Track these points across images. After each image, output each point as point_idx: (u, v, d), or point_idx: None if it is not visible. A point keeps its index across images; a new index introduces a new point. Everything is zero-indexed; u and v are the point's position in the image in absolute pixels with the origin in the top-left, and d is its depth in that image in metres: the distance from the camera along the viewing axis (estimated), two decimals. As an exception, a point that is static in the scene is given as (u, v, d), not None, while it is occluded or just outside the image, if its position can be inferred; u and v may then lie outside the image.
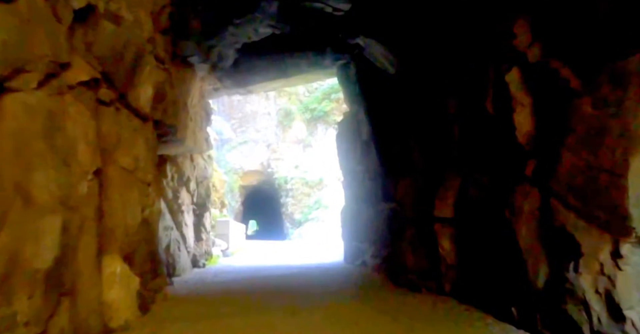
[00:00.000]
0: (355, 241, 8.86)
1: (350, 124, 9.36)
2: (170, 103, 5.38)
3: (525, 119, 3.37)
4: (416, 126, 6.00)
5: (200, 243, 9.06)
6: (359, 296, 5.02)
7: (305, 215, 20.02)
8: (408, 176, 6.05)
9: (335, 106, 21.14)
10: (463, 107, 4.48)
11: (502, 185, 3.63)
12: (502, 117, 3.69)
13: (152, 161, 4.71)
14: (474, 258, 4.17)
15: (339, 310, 4.26)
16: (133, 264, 4.32)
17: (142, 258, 4.48)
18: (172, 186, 7.74)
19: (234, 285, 6.21)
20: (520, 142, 3.39)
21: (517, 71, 3.46)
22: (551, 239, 3.01)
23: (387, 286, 5.58)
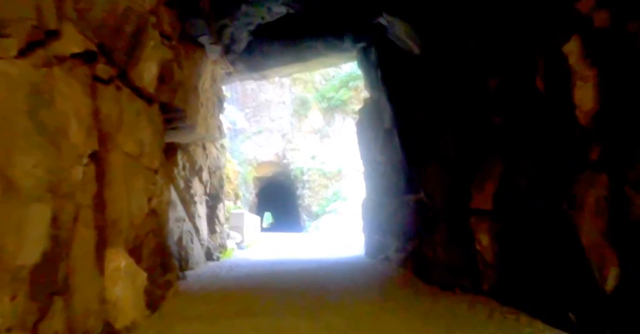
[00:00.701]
0: (377, 235, 8.49)
1: (371, 112, 8.95)
2: (178, 85, 5.04)
3: (587, 95, 2.93)
4: (447, 110, 5.57)
5: (214, 236, 8.79)
6: (385, 295, 4.65)
7: (323, 207, 19.69)
8: (438, 165, 5.63)
9: (353, 95, 20.69)
10: (505, 86, 4.05)
11: (558, 173, 3.20)
12: (556, 94, 3.25)
13: (159, 147, 4.39)
14: (519, 255, 3.76)
15: (364, 312, 3.91)
16: (140, 258, 4.02)
17: (150, 252, 4.18)
18: (183, 176, 7.45)
19: (249, 280, 5.90)
20: (581, 122, 2.96)
21: (578, 40, 3.02)
22: (624, 235, 2.59)
23: (415, 284, 5.20)
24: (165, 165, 4.85)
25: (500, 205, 4.00)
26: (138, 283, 3.60)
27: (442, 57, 5.83)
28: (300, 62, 9.23)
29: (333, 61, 9.67)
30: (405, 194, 7.49)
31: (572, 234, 2.97)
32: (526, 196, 3.62)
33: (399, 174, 7.78)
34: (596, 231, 2.75)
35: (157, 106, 4.47)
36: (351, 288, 5.17)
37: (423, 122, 6.50)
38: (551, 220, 3.26)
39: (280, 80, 21.84)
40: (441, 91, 5.83)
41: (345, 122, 21.03)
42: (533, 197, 3.52)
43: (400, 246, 7.46)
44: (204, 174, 8.38)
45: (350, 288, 5.16)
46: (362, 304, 4.24)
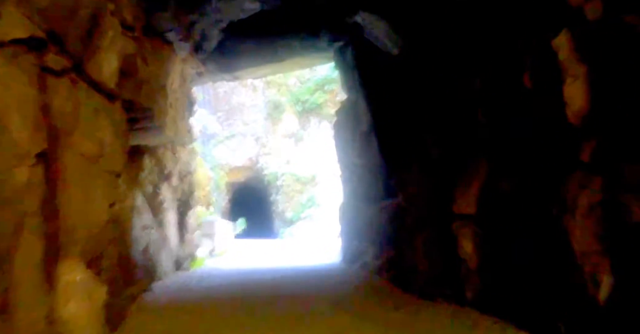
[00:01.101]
0: (355, 241, 8.30)
1: (349, 114, 8.80)
2: (143, 81, 4.76)
3: (577, 92, 2.81)
4: (428, 111, 5.44)
5: (184, 244, 8.44)
6: (366, 305, 4.45)
7: (297, 213, 19.41)
8: (418, 168, 5.49)
9: (329, 98, 20.52)
10: (490, 85, 3.92)
11: (547, 175, 3.07)
12: (545, 92, 3.13)
13: (122, 148, 4.09)
14: (504, 262, 3.62)
15: (345, 323, 3.70)
16: (99, 270, 3.71)
17: (111, 263, 3.87)
18: (151, 180, 7.10)
19: (222, 291, 5.62)
20: (571, 121, 2.83)
21: (568, 34, 2.90)
22: (620, 241, 2.46)
23: (394, 293, 5.03)
24: (129, 169, 4.55)
25: (485, 209, 3.86)
26: (96, 298, 3.29)
27: (423, 56, 5.71)
28: (274, 62, 9.01)
29: (309, 62, 9.49)
30: (384, 198, 7.34)
31: (563, 239, 2.83)
32: (513, 200, 3.49)
33: (378, 178, 7.63)
34: (589, 236, 2.62)
35: (120, 104, 4.17)
36: (330, 297, 4.96)
37: (403, 124, 6.37)
38: (540, 225, 3.12)
39: (254, 83, 21.52)
40: (422, 91, 5.70)
41: (321, 126, 20.83)
42: (520, 200, 3.39)
43: (379, 252, 7.29)
44: (173, 179, 8.05)
45: (328, 297, 4.95)
46: (341, 315, 4.04)
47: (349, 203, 8.83)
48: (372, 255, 7.51)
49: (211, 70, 8.81)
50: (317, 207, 19.04)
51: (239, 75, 9.50)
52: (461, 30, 4.57)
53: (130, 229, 4.32)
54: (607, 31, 2.63)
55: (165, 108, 6.26)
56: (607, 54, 2.67)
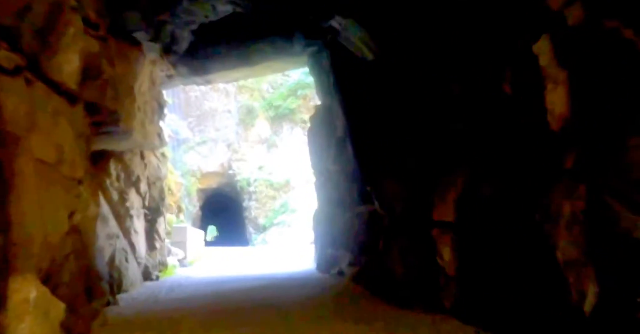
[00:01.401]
0: (330, 248, 8.15)
1: (323, 119, 8.66)
2: (108, 83, 4.49)
3: (559, 99, 2.74)
4: (404, 117, 5.36)
5: (154, 252, 8.11)
6: (342, 314, 4.28)
7: (270, 219, 19.15)
8: (395, 174, 5.39)
9: (302, 103, 20.42)
10: (469, 90, 3.85)
11: (528, 182, 2.99)
12: (525, 98, 3.06)
13: (83, 153, 3.83)
14: (484, 270, 3.52)
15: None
16: (57, 285, 3.44)
17: (71, 276, 3.59)
18: (117, 187, 6.78)
19: (192, 303, 5.36)
20: (552, 127, 2.76)
21: (548, 39, 2.83)
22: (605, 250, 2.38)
23: (372, 301, 4.88)
24: (93, 175, 4.27)
25: (464, 216, 3.76)
26: (53, 317, 3.02)
27: (399, 62, 5.63)
28: (247, 66, 8.81)
29: (282, 66, 9.33)
30: (359, 205, 7.22)
31: (546, 248, 2.74)
32: (492, 207, 3.40)
33: (353, 184, 7.50)
34: (573, 245, 2.53)
35: (82, 106, 3.92)
36: (305, 306, 4.77)
37: (378, 129, 6.27)
38: (521, 233, 3.04)
39: (226, 88, 21.23)
40: (398, 97, 5.62)
41: (294, 132, 20.69)
42: (500, 208, 3.30)
43: (354, 259, 7.16)
44: (141, 185, 7.72)
45: (304, 306, 4.77)
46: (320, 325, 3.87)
47: (323, 210, 8.67)
48: (348, 262, 7.37)
49: (182, 73, 8.54)
50: (291, 213, 18.84)
51: (211, 78, 9.24)
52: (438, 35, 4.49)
53: (93, 240, 4.04)
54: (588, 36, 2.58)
55: (132, 111, 5.98)
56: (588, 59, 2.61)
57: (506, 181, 3.27)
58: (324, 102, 8.75)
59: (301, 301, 5.12)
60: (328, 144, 8.43)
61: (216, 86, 21.03)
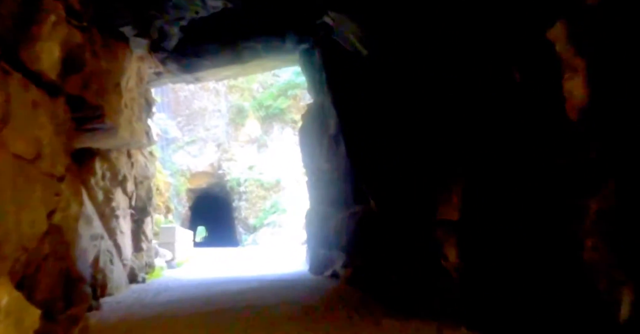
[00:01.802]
0: (323, 249, 7.92)
1: (316, 117, 8.44)
2: (93, 77, 4.24)
3: (578, 88, 2.55)
4: (401, 114, 5.15)
5: (140, 254, 7.81)
6: (342, 320, 4.06)
7: (261, 220, 18.86)
8: (392, 172, 5.18)
9: (292, 103, 20.18)
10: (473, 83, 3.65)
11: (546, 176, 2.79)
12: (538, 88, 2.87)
13: (64, 149, 3.56)
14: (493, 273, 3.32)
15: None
16: (34, 289, 3.18)
17: (49, 280, 3.33)
18: (102, 186, 6.49)
19: (180, 307, 5.09)
20: (571, 117, 2.56)
21: (564, 25, 2.64)
22: (639, 251, 2.17)
23: (370, 305, 4.65)
24: (76, 173, 4.00)
25: (470, 216, 3.56)
26: (27, 325, 2.75)
27: (395, 57, 5.43)
28: (238, 64, 8.55)
29: (274, 64, 9.08)
30: (353, 204, 7.01)
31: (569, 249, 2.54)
32: (501, 206, 3.21)
33: (346, 183, 7.29)
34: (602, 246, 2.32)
35: (64, 100, 3.64)
36: (301, 311, 4.54)
37: (373, 127, 6.06)
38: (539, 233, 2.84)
39: (216, 88, 20.92)
40: (394, 93, 5.42)
41: (284, 132, 20.44)
42: (511, 207, 3.11)
43: (349, 261, 6.94)
44: (128, 184, 7.43)
45: (300, 312, 4.53)
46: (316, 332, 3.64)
47: (315, 209, 8.45)
48: (342, 264, 7.15)
49: (171, 70, 8.26)
50: (281, 214, 18.57)
51: (201, 76, 8.96)
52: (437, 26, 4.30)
53: (75, 241, 3.77)
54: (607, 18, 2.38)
55: (119, 108, 5.70)
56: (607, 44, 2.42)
57: (516, 176, 3.07)
58: (316, 100, 8.54)
59: (293, 305, 4.88)
60: (320, 143, 8.21)
61: (206, 86, 20.72)
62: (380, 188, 5.54)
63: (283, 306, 4.80)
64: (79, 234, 4.61)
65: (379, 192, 5.62)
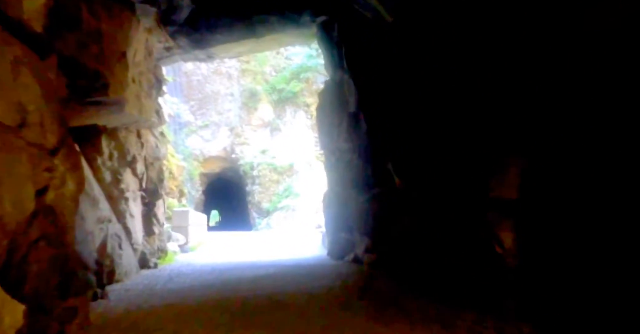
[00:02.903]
0: (343, 233, 7.37)
1: (334, 95, 7.82)
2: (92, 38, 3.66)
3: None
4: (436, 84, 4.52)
5: (152, 238, 7.33)
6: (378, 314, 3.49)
7: (274, 204, 18.37)
8: (424, 148, 4.58)
9: (304, 87, 19.50)
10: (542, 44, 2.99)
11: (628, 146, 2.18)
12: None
13: (56, 117, 3.00)
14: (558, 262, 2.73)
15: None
16: (22, 279, 2.66)
17: (40, 268, 2.80)
18: (110, 167, 5.97)
19: (193, 295, 4.58)
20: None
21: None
22: None
23: (406, 297, 4.05)
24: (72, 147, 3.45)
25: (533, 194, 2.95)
26: (8, 323, 2.23)
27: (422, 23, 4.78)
28: (252, 38, 7.93)
29: (289, 39, 8.43)
30: (375, 185, 6.44)
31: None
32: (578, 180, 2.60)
33: (367, 163, 6.71)
34: None
35: (55, 60, 3.08)
36: (322, 302, 4.00)
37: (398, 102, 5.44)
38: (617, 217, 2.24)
39: (228, 72, 20.29)
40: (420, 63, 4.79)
41: (297, 115, 19.81)
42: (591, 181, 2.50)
43: (372, 245, 6.39)
44: (138, 165, 6.90)
45: (321, 302, 3.99)
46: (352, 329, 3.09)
47: (334, 191, 7.87)
48: (364, 248, 6.60)
49: (182, 45, 7.67)
50: (295, 198, 18.05)
51: (213, 53, 8.36)
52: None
53: (74, 224, 3.24)
54: None
55: (125, 80, 5.14)
56: None
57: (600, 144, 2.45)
58: (334, 77, 7.90)
59: (317, 294, 4.34)
60: (339, 122, 7.61)
61: (219, 69, 20.11)
62: (410, 166, 4.94)
63: (306, 296, 4.26)
64: (81, 216, 4.09)
65: (408, 171, 5.02)
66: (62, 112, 3.13)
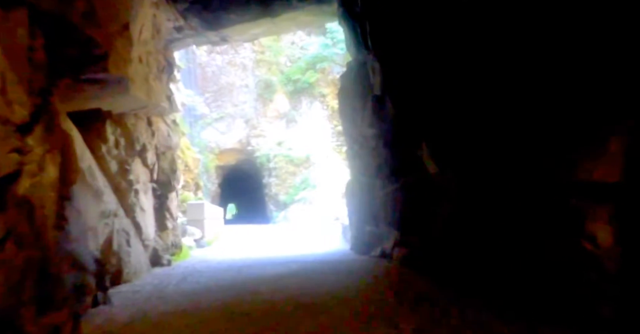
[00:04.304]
0: (368, 225, 6.66)
1: (357, 77, 7.07)
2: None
3: None
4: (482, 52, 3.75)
5: (165, 233, 6.71)
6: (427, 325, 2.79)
7: (291, 196, 17.70)
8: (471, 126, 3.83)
9: (320, 77, 18.73)
10: None
11: None
12: None
13: (26, 86, 2.32)
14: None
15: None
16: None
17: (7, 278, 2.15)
18: (116, 156, 5.33)
19: (208, 299, 3.92)
20: None
21: None
22: None
23: (453, 304, 3.32)
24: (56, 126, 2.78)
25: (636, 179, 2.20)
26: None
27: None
28: (268, 17, 7.21)
29: (308, 18, 7.67)
30: (405, 173, 5.70)
31: None
32: None
33: (396, 149, 5.98)
34: None
35: (25, 14, 2.40)
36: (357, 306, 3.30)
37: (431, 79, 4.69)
38: None
39: (243, 62, 19.61)
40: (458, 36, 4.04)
41: (313, 106, 19.05)
42: None
43: (402, 238, 5.67)
44: (148, 155, 6.27)
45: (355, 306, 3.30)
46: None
47: (358, 181, 7.15)
48: (393, 242, 5.89)
49: (193, 26, 6.98)
50: (312, 189, 17.36)
51: (227, 34, 7.66)
52: None
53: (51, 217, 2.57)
54: None
55: (128, 56, 4.46)
56: None
57: None
58: (357, 57, 7.14)
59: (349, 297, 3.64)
60: (362, 106, 6.86)
61: (233, 60, 19.45)
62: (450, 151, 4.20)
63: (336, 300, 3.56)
64: (77, 209, 3.44)
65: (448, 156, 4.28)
66: (41, 81, 2.45)
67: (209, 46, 18.77)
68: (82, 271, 3.30)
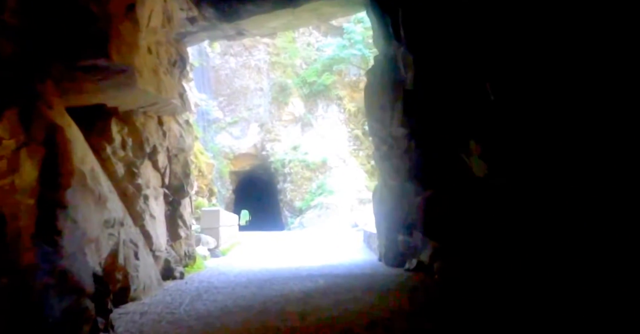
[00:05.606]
0: (400, 234, 6.03)
1: (385, 72, 6.48)
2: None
3: None
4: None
5: (177, 243, 6.14)
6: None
7: (307, 202, 17.08)
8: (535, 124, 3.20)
9: (337, 79, 18.17)
10: None
11: None
12: None
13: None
14: None
15: None
16: None
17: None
18: (123, 157, 4.78)
19: (227, 322, 3.32)
20: None
21: None
22: None
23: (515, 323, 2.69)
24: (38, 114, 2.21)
25: None
26: None
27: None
28: (288, 8, 6.64)
29: (331, 9, 7.09)
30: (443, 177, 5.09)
31: None
32: None
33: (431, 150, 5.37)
34: None
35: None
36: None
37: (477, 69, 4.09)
38: None
39: (257, 65, 19.14)
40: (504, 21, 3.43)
41: (329, 109, 18.48)
42: None
43: (442, 249, 5.02)
44: (159, 157, 5.72)
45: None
46: None
47: (387, 185, 6.52)
48: (430, 253, 5.24)
49: (208, 17, 6.44)
50: (329, 195, 16.72)
51: (244, 28, 7.11)
52: None
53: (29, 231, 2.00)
54: None
55: (134, 44, 3.92)
56: None
57: None
58: (386, 52, 6.55)
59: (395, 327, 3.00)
60: (392, 104, 6.25)
61: (247, 62, 19.00)
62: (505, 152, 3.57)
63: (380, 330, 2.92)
64: (72, 219, 2.87)
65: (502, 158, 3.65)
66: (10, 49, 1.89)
67: (223, 48, 18.37)
68: (77, 294, 2.72)
